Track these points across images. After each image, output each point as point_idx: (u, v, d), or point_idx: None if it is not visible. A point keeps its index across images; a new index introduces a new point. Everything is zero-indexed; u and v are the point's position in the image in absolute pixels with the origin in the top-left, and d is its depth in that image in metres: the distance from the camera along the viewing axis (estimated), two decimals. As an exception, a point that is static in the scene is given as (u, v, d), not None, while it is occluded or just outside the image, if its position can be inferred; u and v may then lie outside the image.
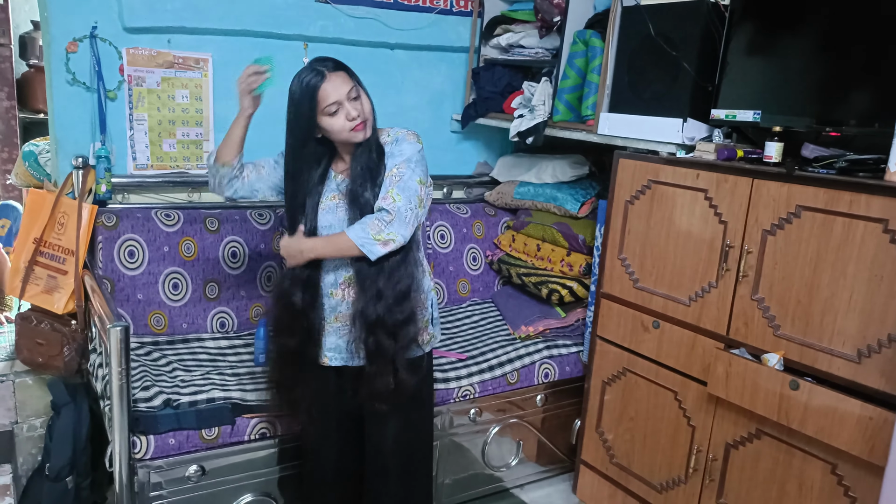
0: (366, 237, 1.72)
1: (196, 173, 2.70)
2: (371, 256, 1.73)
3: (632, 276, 2.31)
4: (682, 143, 2.16)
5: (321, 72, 1.72)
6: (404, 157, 1.79)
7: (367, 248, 1.72)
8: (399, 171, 1.77)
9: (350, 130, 1.75)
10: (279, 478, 2.18)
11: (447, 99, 3.20)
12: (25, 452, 2.49)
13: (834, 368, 1.76)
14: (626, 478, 2.39)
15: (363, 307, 1.79)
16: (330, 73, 1.73)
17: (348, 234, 1.73)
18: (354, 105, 1.74)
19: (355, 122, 1.74)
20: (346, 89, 1.73)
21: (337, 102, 1.72)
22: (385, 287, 1.77)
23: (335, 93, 1.72)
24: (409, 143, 1.81)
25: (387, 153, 1.82)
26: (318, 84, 1.72)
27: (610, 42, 2.39)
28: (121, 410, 1.85)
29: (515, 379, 2.55)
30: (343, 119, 1.74)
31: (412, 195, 1.75)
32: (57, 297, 2.38)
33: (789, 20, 1.96)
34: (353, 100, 1.74)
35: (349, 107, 1.73)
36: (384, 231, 1.72)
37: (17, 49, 4.48)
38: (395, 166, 1.78)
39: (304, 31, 2.76)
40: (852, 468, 1.73)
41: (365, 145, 1.81)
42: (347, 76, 1.76)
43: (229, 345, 2.52)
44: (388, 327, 1.77)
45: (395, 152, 1.81)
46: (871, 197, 1.66)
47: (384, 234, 1.72)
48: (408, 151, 1.80)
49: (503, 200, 3.22)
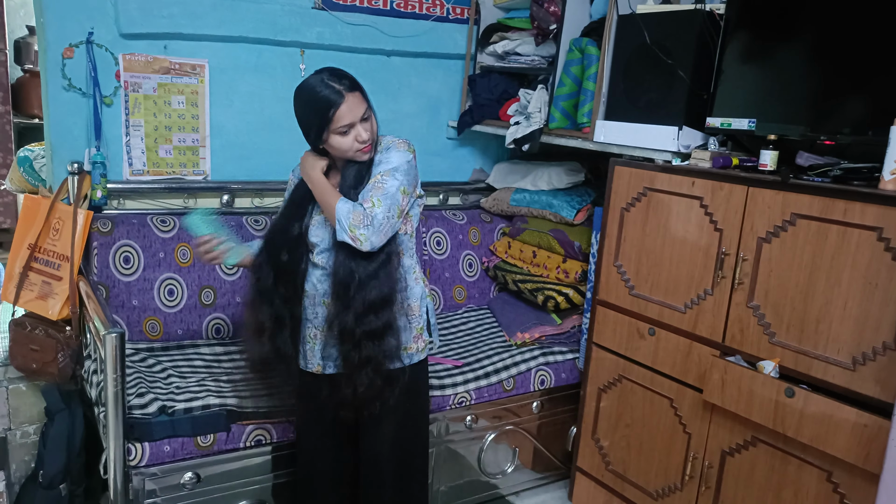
0: (346, 219, 1.71)
1: (192, 179, 2.70)
2: (337, 236, 1.73)
3: (627, 283, 2.31)
4: (677, 151, 2.17)
5: (339, 91, 1.70)
6: (391, 166, 1.77)
7: (340, 227, 1.71)
8: (383, 178, 1.75)
9: (356, 151, 1.76)
10: (274, 485, 2.18)
11: (443, 106, 3.21)
12: (19, 459, 2.47)
13: (829, 376, 1.77)
14: (622, 485, 2.39)
15: (334, 316, 1.79)
16: (347, 94, 1.70)
17: (337, 205, 1.72)
18: (365, 126, 1.74)
19: (364, 144, 1.75)
20: (360, 111, 1.73)
21: (350, 124, 1.72)
22: (356, 296, 1.76)
23: (350, 114, 1.71)
24: (399, 152, 1.80)
25: (375, 160, 1.81)
26: (336, 103, 1.69)
27: (606, 50, 2.41)
28: (115, 417, 1.85)
29: (511, 386, 2.55)
30: (352, 140, 1.74)
31: (393, 204, 1.74)
32: (51, 302, 2.37)
33: (784, 29, 1.97)
34: (364, 121, 1.74)
35: (360, 128, 1.73)
36: (359, 229, 1.70)
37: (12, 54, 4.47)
38: (380, 173, 1.77)
39: (301, 37, 2.77)
40: (848, 476, 1.74)
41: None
42: (362, 97, 1.75)
43: (224, 351, 2.51)
44: (356, 336, 1.76)
45: (382, 160, 1.80)
46: (865, 205, 1.67)
47: (357, 231, 1.70)
48: (395, 160, 1.78)
49: (499, 207, 3.23)
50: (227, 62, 2.69)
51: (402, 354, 1.88)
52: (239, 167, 2.78)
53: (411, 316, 1.89)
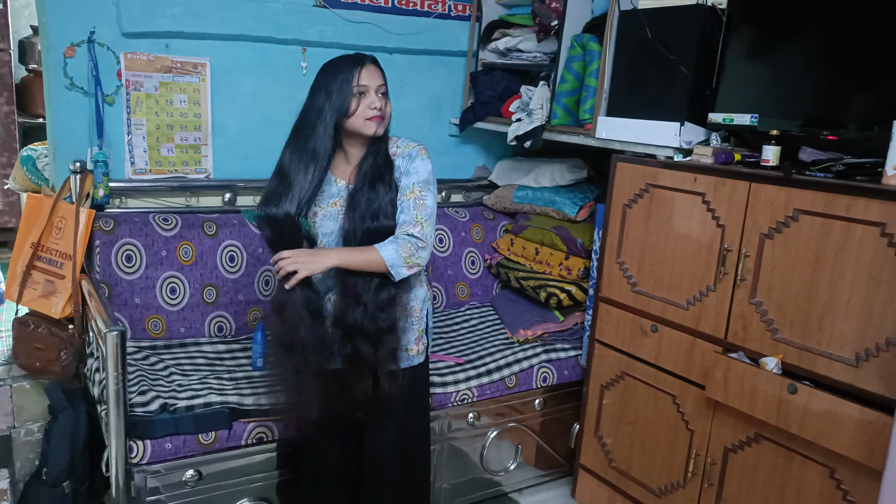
0: (398, 258, 1.72)
1: (194, 178, 2.70)
2: (396, 278, 1.74)
3: (630, 279, 2.30)
4: (679, 147, 2.16)
5: (361, 59, 1.78)
6: (422, 178, 1.80)
7: (396, 270, 1.72)
8: (422, 194, 1.78)
9: (366, 119, 1.76)
10: (277, 482, 2.18)
11: (446, 103, 3.21)
12: (23, 457, 2.48)
13: (832, 372, 1.76)
14: (625, 482, 2.38)
15: (342, 311, 1.78)
16: (369, 63, 1.78)
17: (381, 253, 1.71)
18: (380, 98, 1.78)
19: (374, 112, 1.76)
20: (378, 81, 1.78)
21: (367, 86, 1.75)
22: (365, 292, 1.76)
23: (369, 77, 1.77)
24: (423, 161, 1.82)
25: (400, 168, 1.81)
26: (362, 62, 1.76)
27: (607, 46, 2.40)
28: (117, 415, 1.85)
29: (514, 383, 2.55)
30: (365, 106, 1.76)
31: (434, 220, 1.80)
32: (54, 301, 2.38)
33: (787, 23, 1.95)
34: (380, 94, 1.78)
35: (374, 97, 1.76)
36: (415, 256, 1.73)
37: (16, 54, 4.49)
38: (416, 186, 1.78)
39: (303, 35, 2.77)
40: (851, 473, 1.73)
41: (372, 152, 1.81)
42: (382, 73, 1.81)
43: (227, 349, 2.51)
44: (364, 333, 1.76)
45: (410, 170, 1.81)
46: (868, 200, 1.66)
47: (413, 259, 1.73)
48: (423, 171, 1.81)
49: (502, 204, 3.22)
50: (229, 61, 2.69)
51: (404, 356, 1.88)
52: (241, 166, 2.78)
53: (413, 318, 1.89)
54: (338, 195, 1.84)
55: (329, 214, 1.84)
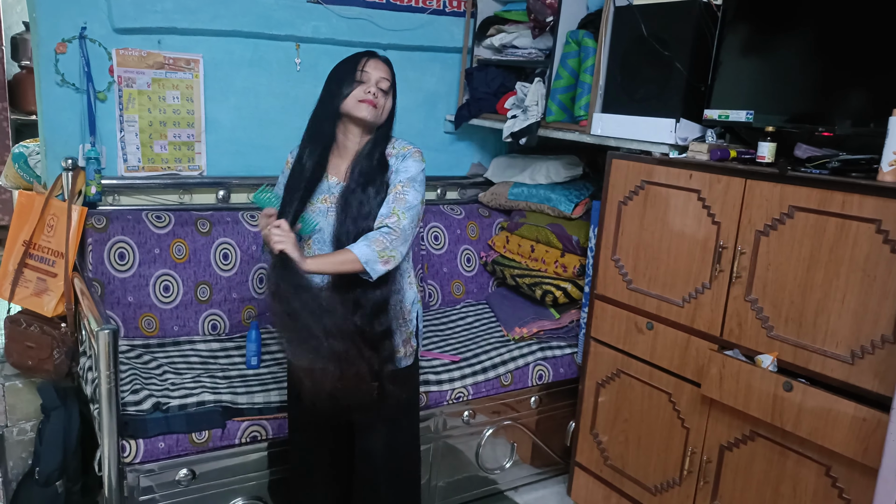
0: (371, 255, 1.69)
1: (187, 175, 2.68)
2: (373, 275, 1.71)
3: (625, 277, 2.30)
4: (674, 144, 2.16)
5: (371, 53, 1.83)
6: (409, 175, 1.79)
7: (371, 266, 1.70)
8: (404, 189, 1.78)
9: (358, 101, 1.77)
10: (270, 481, 2.17)
11: (440, 100, 3.19)
12: (15, 457, 2.47)
13: (827, 369, 1.76)
14: (621, 480, 2.38)
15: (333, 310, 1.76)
16: (377, 57, 1.83)
17: (354, 252, 1.69)
18: (380, 91, 1.79)
19: (368, 96, 1.77)
20: (382, 75, 1.81)
21: (368, 74, 1.78)
22: (357, 292, 1.75)
23: (372, 67, 1.80)
24: (415, 161, 1.82)
25: (392, 167, 1.81)
26: (366, 56, 1.81)
27: (602, 42, 2.39)
28: (109, 414, 1.84)
29: (509, 381, 2.54)
30: (361, 90, 1.77)
31: (415, 215, 1.78)
32: (46, 299, 2.36)
33: (782, 20, 1.95)
34: (380, 89, 1.79)
35: (374, 87, 1.78)
36: (389, 249, 1.71)
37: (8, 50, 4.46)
38: (400, 183, 1.78)
39: (296, 31, 2.75)
40: (846, 470, 1.72)
41: (368, 150, 1.80)
42: (389, 72, 1.84)
43: (221, 347, 2.50)
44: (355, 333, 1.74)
45: (400, 168, 1.81)
46: (863, 197, 1.65)
47: (388, 252, 1.71)
48: (413, 170, 1.81)
49: (497, 201, 3.21)
50: (222, 57, 2.67)
51: (394, 357, 1.87)
52: (235, 162, 2.77)
53: (403, 319, 1.88)
54: (328, 192, 1.83)
55: (318, 210, 1.83)
